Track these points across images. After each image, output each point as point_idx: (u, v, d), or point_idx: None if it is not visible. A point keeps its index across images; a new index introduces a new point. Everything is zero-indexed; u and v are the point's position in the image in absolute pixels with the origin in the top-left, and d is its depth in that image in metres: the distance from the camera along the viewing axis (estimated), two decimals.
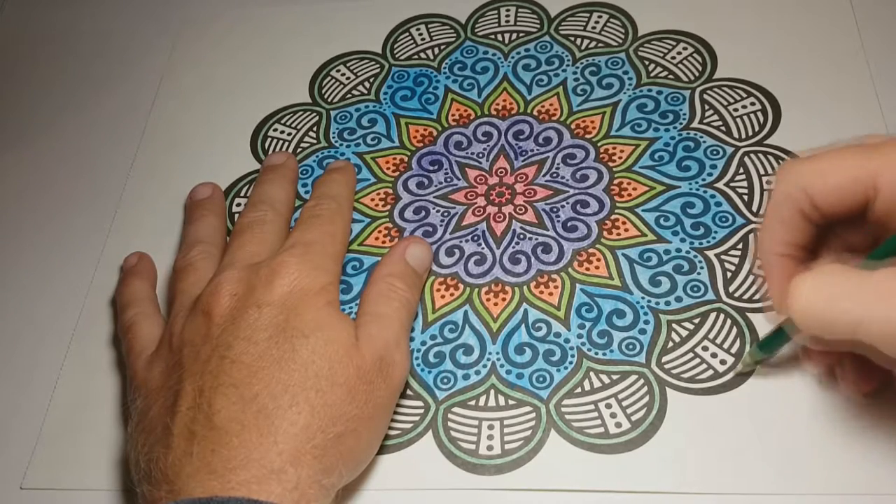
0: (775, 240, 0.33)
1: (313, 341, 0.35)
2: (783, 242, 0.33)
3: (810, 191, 0.31)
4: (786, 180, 0.32)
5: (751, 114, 0.45)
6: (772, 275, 0.34)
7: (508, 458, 0.37)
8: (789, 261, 0.33)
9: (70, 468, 0.40)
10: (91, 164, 0.51)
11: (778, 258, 0.33)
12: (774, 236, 0.33)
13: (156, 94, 0.53)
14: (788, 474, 0.35)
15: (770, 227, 0.33)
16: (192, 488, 0.32)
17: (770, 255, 0.34)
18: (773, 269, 0.34)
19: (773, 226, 0.33)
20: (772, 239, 0.33)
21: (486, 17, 0.52)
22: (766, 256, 0.34)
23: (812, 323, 0.30)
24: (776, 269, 0.34)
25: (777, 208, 0.33)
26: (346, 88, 0.51)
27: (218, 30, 0.56)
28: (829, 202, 0.31)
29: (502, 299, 0.41)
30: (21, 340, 0.44)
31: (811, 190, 0.31)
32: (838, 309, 0.29)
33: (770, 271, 0.34)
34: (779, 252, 0.33)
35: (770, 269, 0.34)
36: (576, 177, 0.44)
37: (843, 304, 0.28)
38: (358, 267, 0.43)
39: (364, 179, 0.46)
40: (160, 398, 0.36)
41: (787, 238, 0.33)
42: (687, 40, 0.49)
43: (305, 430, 0.33)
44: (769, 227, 0.33)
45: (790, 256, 0.33)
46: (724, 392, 0.37)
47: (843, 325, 0.29)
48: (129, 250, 0.46)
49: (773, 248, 0.33)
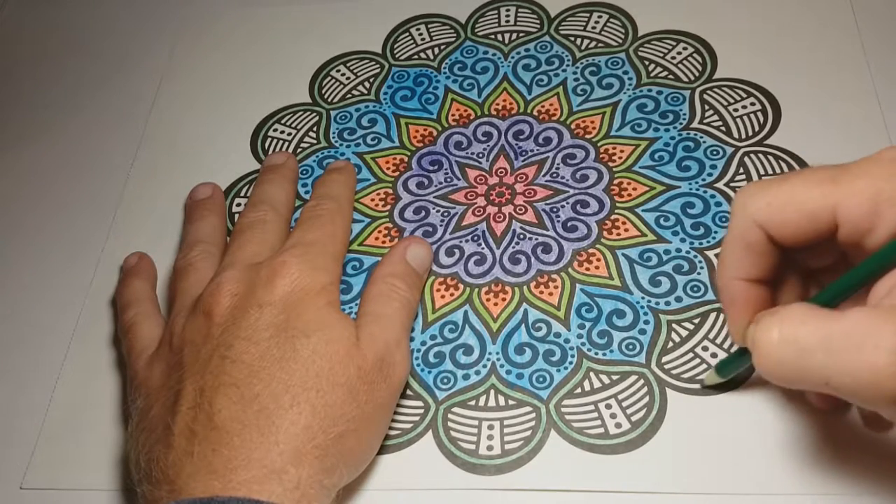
0: (734, 268, 0.32)
1: (314, 341, 0.35)
2: (741, 270, 0.32)
3: (766, 225, 0.30)
4: (742, 213, 0.30)
5: (751, 114, 0.45)
6: (732, 302, 0.32)
7: (508, 458, 0.37)
8: (749, 286, 0.32)
9: (70, 468, 0.40)
10: (91, 164, 0.51)
11: (737, 283, 0.32)
12: (733, 265, 0.32)
13: (156, 94, 0.53)
14: (788, 474, 0.35)
15: (728, 258, 0.32)
16: (193, 488, 0.32)
17: (729, 281, 0.32)
18: (733, 295, 0.32)
19: (730, 255, 0.32)
20: (731, 267, 0.32)
21: (486, 17, 0.52)
22: (724, 282, 0.32)
23: (781, 377, 0.28)
24: (736, 295, 0.32)
25: (734, 240, 0.31)
26: (346, 88, 0.51)
27: (218, 30, 0.56)
28: (786, 236, 0.30)
29: (502, 299, 0.41)
30: (21, 340, 0.44)
31: (768, 225, 0.30)
32: (809, 362, 0.27)
33: (729, 298, 0.32)
34: (738, 277, 0.32)
35: (729, 295, 0.32)
36: (576, 177, 0.44)
37: (814, 356, 0.27)
38: (358, 267, 0.43)
39: (364, 179, 0.46)
40: (161, 398, 0.36)
41: (745, 268, 0.31)
42: (687, 40, 0.49)
43: (306, 429, 0.33)
44: (727, 257, 0.32)
45: (750, 282, 0.32)
46: (724, 392, 0.37)
47: (813, 378, 0.27)
48: (129, 250, 0.46)
49: (731, 274, 0.32)
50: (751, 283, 0.32)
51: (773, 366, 0.28)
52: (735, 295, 0.32)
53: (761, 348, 0.28)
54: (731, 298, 0.32)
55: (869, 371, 0.26)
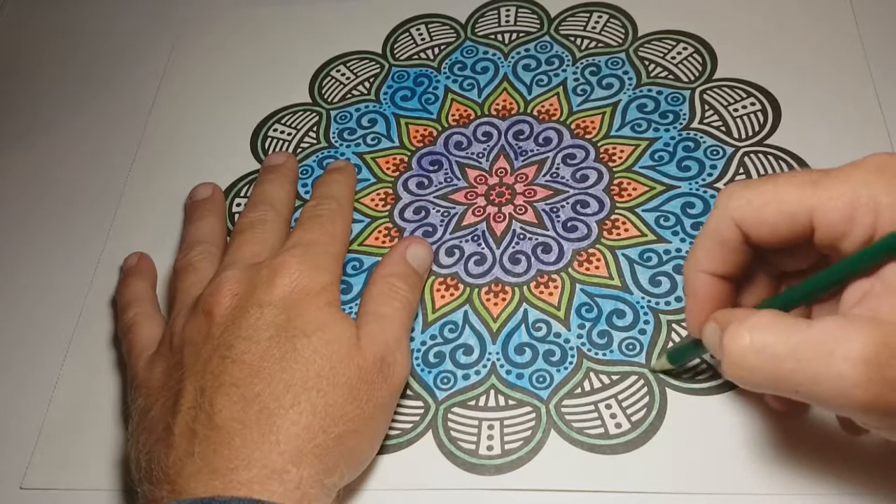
0: (704, 260, 0.32)
1: (314, 341, 0.35)
2: (710, 265, 0.32)
3: (744, 224, 0.30)
4: (721, 210, 0.31)
5: (751, 114, 0.45)
6: (694, 294, 0.32)
7: (508, 458, 0.37)
8: (715, 281, 0.32)
9: (70, 468, 0.40)
10: (91, 164, 0.51)
11: (703, 276, 0.32)
12: (703, 258, 0.32)
13: (156, 94, 0.53)
14: (788, 474, 0.35)
15: (700, 251, 0.32)
16: (194, 488, 0.32)
17: (695, 272, 0.32)
18: (696, 287, 0.32)
19: (702, 248, 0.32)
20: (701, 260, 0.32)
21: (486, 17, 0.52)
22: (690, 272, 0.32)
23: (750, 383, 0.28)
24: (699, 288, 0.32)
25: (709, 234, 0.31)
26: (346, 88, 0.51)
27: (218, 30, 0.56)
28: (762, 236, 0.30)
29: (502, 299, 0.41)
30: (21, 340, 0.44)
31: (745, 224, 0.30)
32: (780, 370, 0.27)
33: (692, 289, 0.32)
34: (704, 270, 0.32)
35: (692, 286, 0.32)
36: (576, 177, 0.44)
37: (784, 364, 0.27)
38: (358, 267, 0.43)
39: (364, 179, 0.46)
40: (161, 398, 0.36)
41: (714, 263, 0.32)
42: (687, 40, 0.49)
43: (307, 429, 0.33)
44: (699, 251, 0.32)
45: (716, 277, 0.32)
46: (724, 392, 0.37)
47: (783, 385, 0.27)
48: (129, 250, 0.46)
49: (699, 266, 0.32)
50: (716, 277, 0.32)
51: (744, 372, 0.28)
52: (698, 287, 0.32)
53: (731, 355, 0.28)
54: (694, 290, 0.32)
55: (837, 380, 0.26)
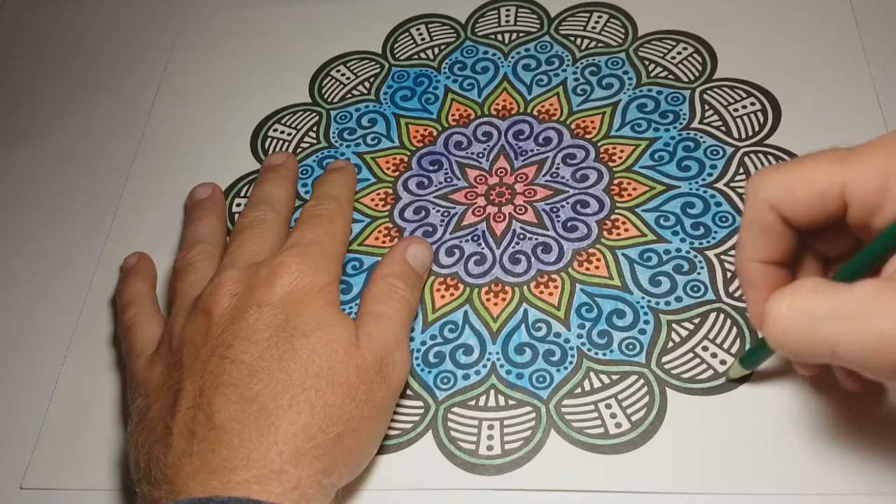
0: (751, 250, 0.32)
1: (313, 341, 0.35)
2: (758, 252, 0.32)
3: (779, 207, 0.30)
4: (755, 196, 0.31)
5: (751, 114, 0.45)
6: (751, 285, 0.32)
7: (508, 458, 0.37)
8: (768, 269, 0.32)
9: (70, 468, 0.40)
10: (91, 164, 0.51)
11: (755, 266, 0.32)
12: (750, 247, 0.32)
13: (156, 94, 0.53)
14: (788, 474, 0.35)
15: (745, 240, 0.32)
16: (193, 488, 0.32)
17: (747, 263, 0.32)
18: (752, 278, 0.32)
19: (746, 237, 0.32)
20: (748, 250, 0.32)
21: (486, 17, 0.52)
22: (742, 264, 0.32)
23: (790, 347, 0.28)
24: (755, 278, 0.32)
25: (749, 224, 0.31)
26: (346, 88, 0.51)
27: (218, 30, 0.56)
28: (798, 216, 0.30)
29: (502, 299, 0.41)
30: (21, 340, 0.44)
31: (780, 207, 0.30)
32: (817, 331, 0.27)
33: (748, 282, 0.32)
34: (755, 260, 0.32)
35: (748, 279, 0.32)
36: (576, 177, 0.44)
37: (821, 325, 0.27)
38: (358, 267, 0.43)
39: (364, 179, 0.46)
40: (160, 398, 0.36)
41: (762, 250, 0.32)
42: (687, 40, 0.49)
43: (305, 429, 0.33)
44: (744, 240, 0.32)
45: (769, 264, 0.32)
46: (724, 392, 0.37)
47: (820, 349, 0.27)
48: (129, 250, 0.46)
49: (748, 257, 0.32)
50: (768, 265, 0.32)
51: (782, 335, 0.28)
52: (753, 277, 0.32)
53: (771, 318, 0.28)
54: (750, 281, 0.32)
55: (876, 338, 0.26)
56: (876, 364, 0.26)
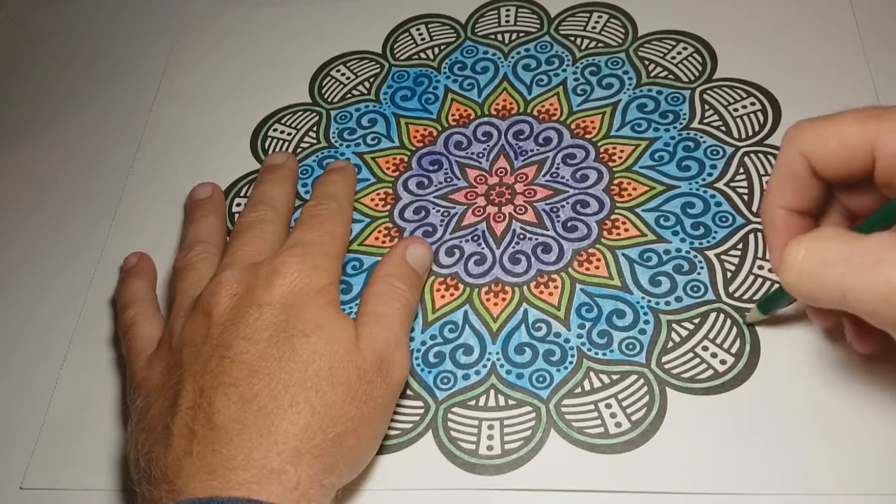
0: (779, 196, 0.33)
1: (313, 341, 0.35)
2: (784, 199, 0.33)
3: (811, 157, 0.31)
4: (789, 144, 0.32)
5: (751, 114, 0.45)
6: (773, 230, 0.34)
7: (508, 458, 0.37)
8: (793, 216, 0.33)
9: (70, 468, 0.40)
10: (91, 164, 0.51)
11: (780, 211, 0.33)
12: (778, 194, 0.33)
13: (156, 94, 0.53)
14: (788, 474, 0.35)
15: (774, 186, 0.33)
16: (193, 488, 0.32)
17: (773, 209, 0.33)
18: (776, 223, 0.33)
19: (777, 185, 0.33)
20: (775, 195, 0.33)
21: (486, 17, 0.52)
22: (769, 210, 0.34)
23: (803, 289, 0.30)
24: (778, 223, 0.33)
25: (781, 170, 0.33)
26: (346, 88, 0.51)
27: (218, 30, 0.56)
28: (828, 168, 0.31)
29: (502, 299, 0.41)
30: (21, 340, 0.44)
31: (812, 156, 0.31)
32: (829, 276, 0.28)
33: (772, 226, 0.34)
34: (781, 206, 0.33)
35: (772, 224, 0.34)
36: (576, 177, 0.44)
37: (834, 271, 0.28)
38: (358, 267, 0.43)
39: (364, 179, 0.46)
40: (160, 398, 0.36)
41: (790, 197, 0.33)
42: (687, 40, 0.49)
43: (305, 429, 0.33)
44: (773, 186, 0.33)
45: (794, 212, 0.33)
46: (724, 392, 0.37)
47: (831, 293, 0.29)
48: (129, 250, 0.46)
49: (775, 202, 0.33)
50: (793, 213, 0.33)
51: (797, 278, 0.29)
52: (777, 222, 0.33)
53: (788, 262, 0.30)
54: (773, 225, 0.34)
55: (885, 286, 0.27)
56: (884, 312, 0.27)
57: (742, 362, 0.37)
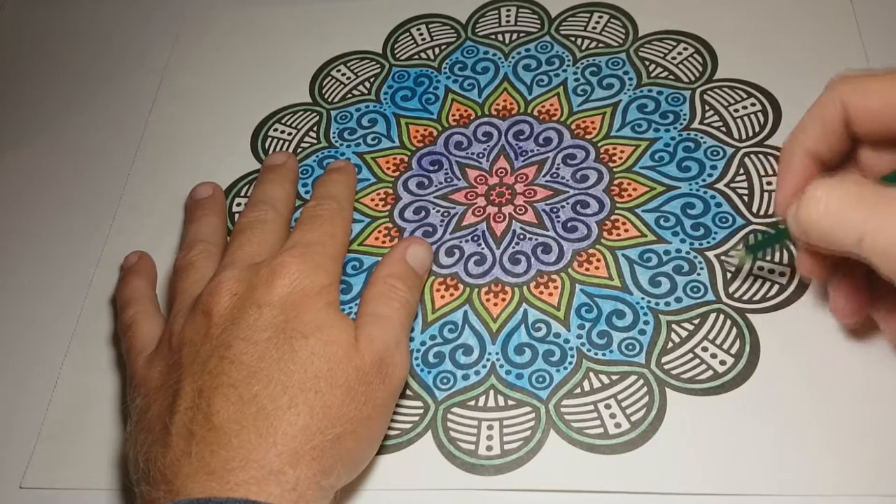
0: (805, 137, 0.33)
1: (313, 342, 0.35)
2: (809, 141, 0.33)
3: (850, 106, 0.32)
4: (831, 90, 0.33)
5: (751, 114, 0.45)
6: (789, 168, 0.34)
7: (508, 458, 0.37)
8: (811, 161, 0.34)
9: (70, 468, 0.40)
10: (91, 164, 0.51)
11: (802, 153, 0.34)
12: (805, 135, 0.33)
13: (156, 94, 0.53)
14: (788, 474, 0.34)
15: (803, 127, 0.34)
16: (191, 488, 0.32)
17: (796, 147, 0.34)
18: (793, 163, 0.34)
19: (806, 126, 0.33)
20: (802, 136, 0.34)
21: (487, 17, 0.52)
22: (791, 147, 0.34)
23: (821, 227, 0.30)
24: (796, 163, 0.34)
25: (815, 113, 0.33)
26: (347, 88, 0.51)
27: (218, 30, 0.56)
28: (864, 121, 0.32)
29: (502, 299, 0.41)
30: (21, 340, 0.44)
31: (849, 106, 0.32)
32: (850, 217, 0.29)
33: (788, 165, 0.34)
34: (802, 146, 0.33)
35: (789, 162, 0.34)
36: (576, 177, 0.44)
37: (856, 212, 0.29)
38: (358, 267, 0.43)
39: (364, 179, 0.46)
40: (159, 397, 0.36)
41: (816, 140, 0.33)
42: (687, 41, 0.49)
43: (304, 430, 0.33)
44: (802, 126, 0.34)
45: (813, 158, 0.33)
46: (724, 392, 0.37)
47: (848, 234, 0.29)
48: (129, 250, 0.46)
49: (798, 140, 0.34)
50: (813, 158, 0.33)
51: (817, 214, 0.30)
52: (795, 162, 0.34)
53: (811, 197, 0.30)
54: (790, 164, 0.34)
55: None
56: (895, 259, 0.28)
57: (742, 363, 0.37)
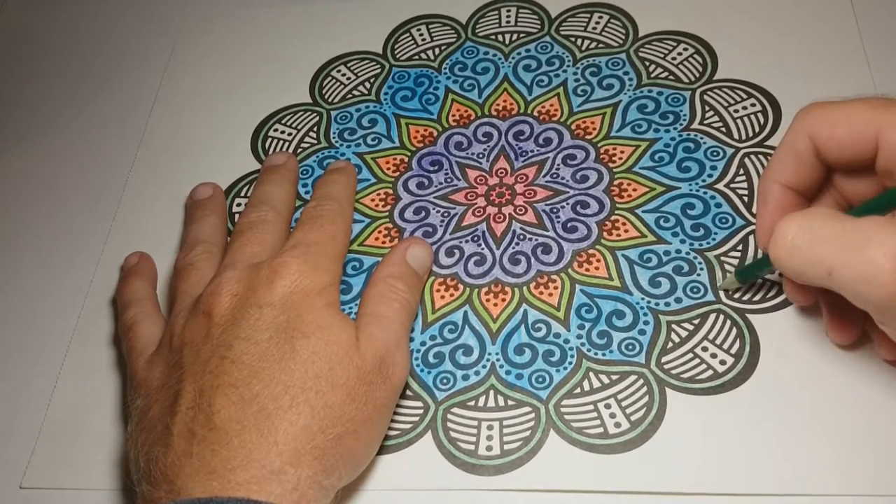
0: (779, 171, 0.34)
1: (314, 342, 0.35)
2: (783, 175, 0.34)
3: (816, 138, 0.32)
4: (799, 122, 0.33)
5: (751, 115, 0.45)
6: (766, 202, 0.34)
7: (508, 458, 0.37)
8: (787, 193, 0.34)
9: (70, 468, 0.40)
10: (91, 164, 0.51)
11: (776, 186, 0.34)
12: (778, 169, 0.34)
13: (156, 94, 0.53)
14: (788, 474, 0.35)
15: (775, 161, 0.34)
16: (192, 488, 0.32)
17: (770, 183, 0.34)
18: (770, 196, 0.34)
19: (778, 160, 0.34)
20: (775, 170, 0.34)
21: (487, 17, 0.52)
22: (766, 183, 0.34)
23: (791, 265, 0.30)
24: (772, 197, 0.34)
25: (785, 146, 0.33)
26: (347, 89, 0.51)
27: (218, 30, 0.56)
28: (832, 151, 0.32)
29: (502, 300, 0.41)
30: (21, 340, 0.44)
31: (816, 137, 0.32)
32: (817, 252, 0.29)
33: (765, 199, 0.35)
34: (778, 180, 0.34)
35: (766, 196, 0.35)
36: (576, 177, 0.44)
37: (822, 247, 0.29)
38: (358, 267, 0.43)
39: (364, 180, 0.47)
40: (160, 398, 0.36)
41: (789, 173, 0.34)
42: (687, 41, 0.49)
43: (305, 430, 0.33)
44: (775, 161, 0.34)
45: (789, 190, 0.34)
46: (724, 392, 0.37)
47: (817, 270, 0.29)
48: (129, 250, 0.46)
49: (774, 177, 0.34)
50: (788, 190, 0.34)
51: (787, 251, 0.30)
52: (770, 196, 0.34)
53: (780, 234, 0.30)
54: (766, 199, 0.35)
55: (868, 266, 0.28)
56: (865, 292, 0.28)
57: (742, 363, 0.37)
